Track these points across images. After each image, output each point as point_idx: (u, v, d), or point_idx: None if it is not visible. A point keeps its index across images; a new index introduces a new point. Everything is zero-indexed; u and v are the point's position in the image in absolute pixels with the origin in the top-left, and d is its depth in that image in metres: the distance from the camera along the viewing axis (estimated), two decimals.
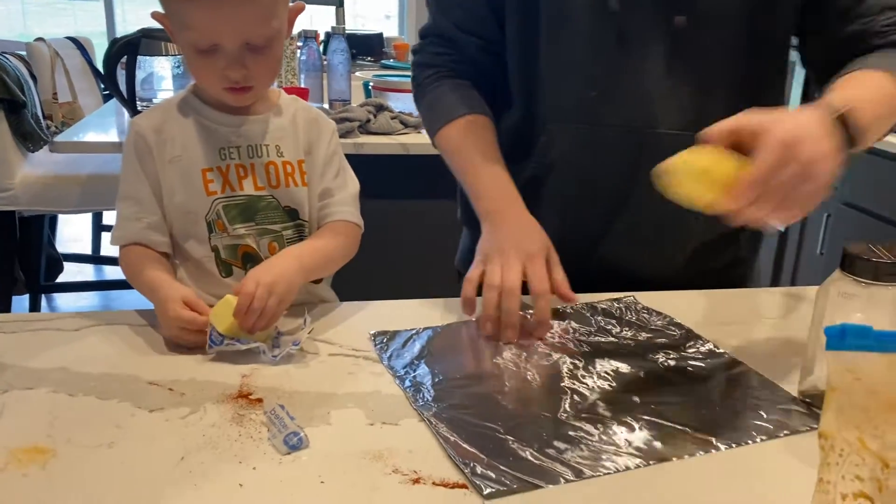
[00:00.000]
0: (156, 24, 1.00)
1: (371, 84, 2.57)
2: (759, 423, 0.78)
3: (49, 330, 0.93)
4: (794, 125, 0.77)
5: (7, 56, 2.67)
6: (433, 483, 0.66)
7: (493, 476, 0.67)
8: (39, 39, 3.11)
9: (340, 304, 1.06)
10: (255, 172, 1.02)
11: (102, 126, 2.58)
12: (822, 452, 0.49)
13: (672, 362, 0.90)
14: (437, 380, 0.84)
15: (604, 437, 0.74)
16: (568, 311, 1.02)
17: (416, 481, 0.66)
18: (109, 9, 4.89)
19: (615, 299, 1.07)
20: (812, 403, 0.82)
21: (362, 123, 2.17)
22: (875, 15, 1.01)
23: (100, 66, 3.52)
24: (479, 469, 0.68)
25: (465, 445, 0.71)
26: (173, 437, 0.71)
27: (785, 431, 0.76)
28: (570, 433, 0.74)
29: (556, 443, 0.72)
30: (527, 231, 1.00)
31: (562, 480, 0.67)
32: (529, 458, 0.70)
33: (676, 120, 1.06)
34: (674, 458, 0.71)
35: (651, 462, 0.70)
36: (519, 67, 1.13)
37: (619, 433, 0.75)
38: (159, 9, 0.97)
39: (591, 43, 1.05)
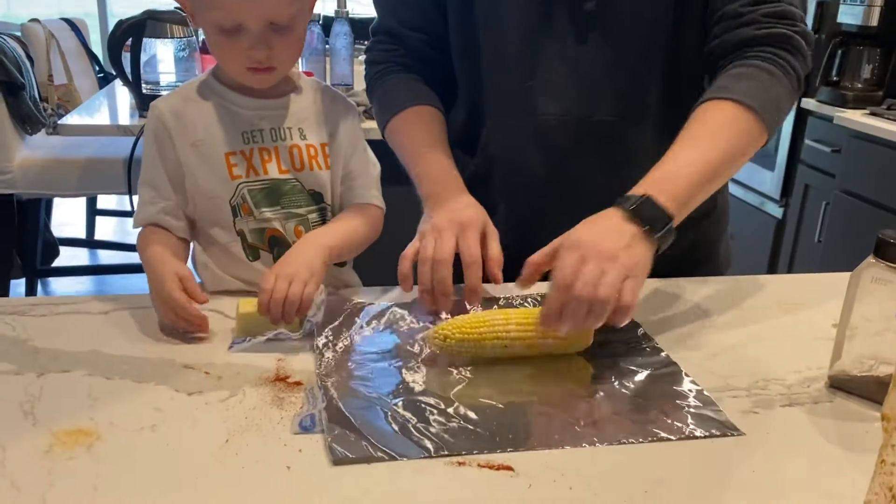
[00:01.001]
0: (155, 6, 0.99)
1: None
2: (666, 419, 0.75)
3: (77, 314, 0.93)
4: (585, 229, 0.83)
5: (4, 37, 2.63)
6: (478, 465, 0.67)
7: (349, 444, 0.67)
8: (34, 20, 3.07)
9: (363, 289, 1.06)
10: (278, 156, 1.01)
11: (104, 108, 2.56)
12: (885, 434, 0.50)
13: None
14: (353, 352, 0.85)
15: (484, 422, 0.73)
16: (500, 302, 1.00)
17: (462, 463, 0.67)
18: None
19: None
20: (840, 388, 0.83)
21: (367, 108, 2.16)
22: None
23: (94, 48, 3.49)
24: (336, 431, 0.69)
25: (342, 411, 0.72)
26: (215, 420, 0.71)
27: (691, 429, 0.73)
28: (451, 411, 0.74)
29: (434, 421, 0.72)
30: (462, 207, 0.99)
31: (420, 456, 0.67)
32: (399, 432, 0.70)
33: (611, 107, 1.06)
34: (555, 447, 0.70)
35: (521, 449, 0.69)
36: (461, 63, 1.13)
37: (496, 419, 0.74)
38: None
39: (523, 34, 1.06)
